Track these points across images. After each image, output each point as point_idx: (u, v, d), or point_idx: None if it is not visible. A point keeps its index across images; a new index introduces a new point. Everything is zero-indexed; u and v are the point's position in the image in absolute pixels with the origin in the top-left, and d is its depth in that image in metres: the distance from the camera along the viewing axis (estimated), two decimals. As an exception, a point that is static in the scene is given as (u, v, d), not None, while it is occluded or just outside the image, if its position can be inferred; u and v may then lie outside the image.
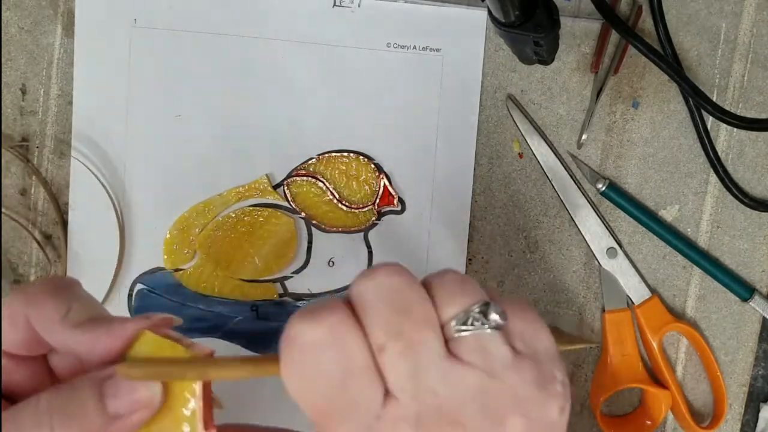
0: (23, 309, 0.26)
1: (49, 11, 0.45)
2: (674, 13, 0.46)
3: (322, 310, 0.23)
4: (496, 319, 0.24)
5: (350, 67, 0.46)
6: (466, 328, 0.24)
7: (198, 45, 0.45)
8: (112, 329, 0.25)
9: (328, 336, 0.23)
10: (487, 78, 0.46)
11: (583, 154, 0.47)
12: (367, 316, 0.23)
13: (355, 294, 0.24)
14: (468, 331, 0.23)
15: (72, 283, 0.27)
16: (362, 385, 0.23)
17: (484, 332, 0.24)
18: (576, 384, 0.48)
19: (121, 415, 0.24)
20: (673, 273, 0.48)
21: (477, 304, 0.24)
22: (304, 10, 0.45)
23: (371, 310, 0.23)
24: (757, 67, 0.47)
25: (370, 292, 0.24)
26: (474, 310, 0.24)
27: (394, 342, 0.23)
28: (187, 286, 0.46)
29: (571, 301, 0.48)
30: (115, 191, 0.46)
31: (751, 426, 0.49)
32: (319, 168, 0.46)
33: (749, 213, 0.48)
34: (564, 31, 0.46)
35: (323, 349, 0.23)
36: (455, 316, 0.24)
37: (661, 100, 0.47)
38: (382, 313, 0.23)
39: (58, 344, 0.26)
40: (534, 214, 0.47)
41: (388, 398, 0.23)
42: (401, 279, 0.24)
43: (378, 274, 0.24)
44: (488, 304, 0.24)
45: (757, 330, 0.48)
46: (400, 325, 0.23)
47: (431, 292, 0.24)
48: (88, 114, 0.45)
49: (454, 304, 0.24)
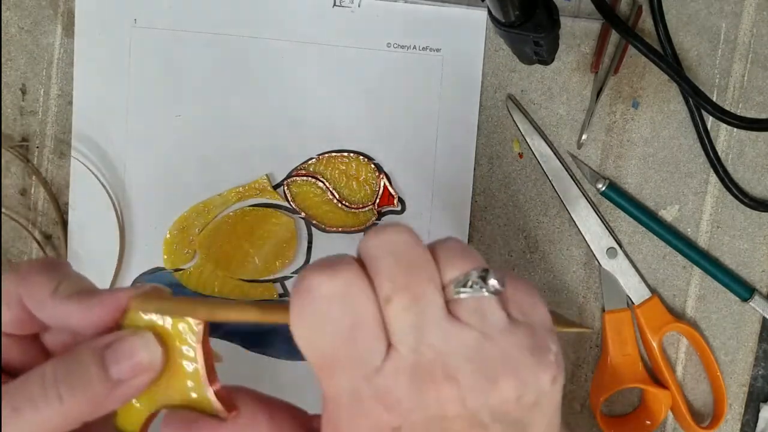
0: (14, 288, 0.26)
1: (49, 11, 0.45)
2: (674, 13, 0.46)
3: (339, 264, 0.24)
4: (494, 285, 0.25)
5: (350, 67, 0.46)
6: (465, 290, 0.25)
7: (198, 45, 0.45)
8: (103, 299, 0.26)
9: (343, 289, 0.23)
10: (487, 78, 0.46)
11: (583, 154, 0.47)
12: (376, 269, 0.24)
13: (364, 249, 0.25)
14: (467, 293, 0.24)
15: (61, 263, 0.28)
16: (368, 337, 0.24)
17: (482, 295, 0.25)
18: (576, 384, 0.48)
19: (124, 379, 0.25)
20: (673, 273, 0.48)
21: (477, 270, 0.25)
22: (304, 10, 0.45)
23: (380, 264, 0.24)
24: (757, 67, 0.47)
25: (380, 247, 0.25)
26: (474, 275, 0.25)
27: (400, 294, 0.24)
28: (187, 286, 0.46)
29: (571, 301, 0.48)
30: (115, 191, 0.46)
31: (751, 426, 0.49)
32: (319, 168, 0.46)
33: (749, 213, 0.48)
34: (564, 31, 0.46)
35: (336, 301, 0.23)
36: (456, 279, 0.25)
37: (661, 100, 0.47)
38: (390, 266, 0.24)
39: (51, 319, 0.26)
40: (534, 214, 0.47)
41: (389, 350, 0.24)
42: (409, 237, 0.25)
43: (387, 230, 0.25)
44: (488, 270, 0.25)
45: (757, 330, 0.48)
46: (406, 278, 0.24)
47: (435, 255, 0.25)
48: (88, 114, 0.45)
49: (455, 267, 0.25)
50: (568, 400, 0.48)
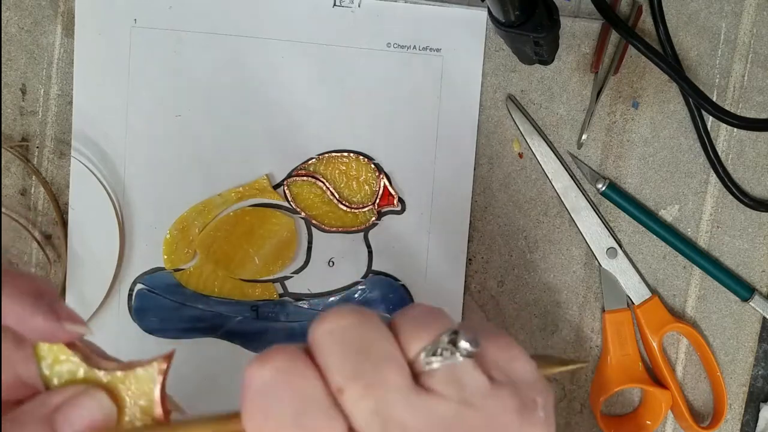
0: None
1: (49, 11, 0.45)
2: (674, 13, 0.46)
3: (273, 351, 0.23)
4: (467, 347, 0.23)
5: (350, 67, 0.46)
6: (435, 359, 0.23)
7: (198, 45, 0.45)
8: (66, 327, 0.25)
9: (277, 376, 0.22)
10: (487, 78, 0.46)
11: (583, 154, 0.47)
12: (323, 361, 0.23)
13: (310, 338, 0.23)
14: (438, 362, 0.23)
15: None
16: (319, 424, 0.22)
17: (455, 361, 0.23)
18: (576, 384, 0.48)
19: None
20: (673, 273, 0.48)
21: (446, 334, 0.23)
22: (304, 10, 0.45)
23: (326, 355, 0.23)
24: (757, 67, 0.47)
25: (324, 337, 0.23)
26: (443, 340, 0.23)
27: (352, 383, 0.22)
28: (187, 286, 0.46)
29: (571, 301, 0.48)
30: (115, 191, 0.46)
31: (751, 426, 0.49)
32: (319, 168, 0.46)
33: (749, 213, 0.48)
34: (564, 31, 0.46)
35: (274, 387, 0.22)
36: (423, 349, 0.23)
37: (661, 100, 0.47)
38: (336, 355, 0.22)
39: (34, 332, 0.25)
40: (534, 214, 0.47)
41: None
42: (355, 319, 0.23)
43: (330, 316, 0.23)
44: (457, 333, 0.23)
45: (757, 330, 0.48)
46: (357, 365, 0.22)
47: (396, 330, 0.24)
48: (88, 114, 0.45)
49: (420, 337, 0.23)
50: (568, 400, 0.48)
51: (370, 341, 0.23)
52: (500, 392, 0.23)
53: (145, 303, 0.46)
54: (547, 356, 0.28)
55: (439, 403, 0.22)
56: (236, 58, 0.45)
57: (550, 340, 0.48)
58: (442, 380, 0.23)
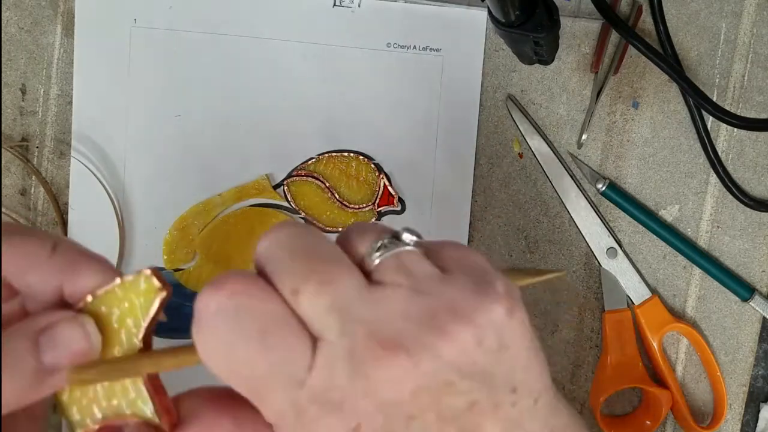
0: None
1: (49, 11, 0.45)
2: (674, 13, 0.46)
3: (225, 276, 0.22)
4: (411, 238, 0.23)
5: (350, 67, 0.46)
6: (380, 253, 0.23)
7: (198, 45, 0.45)
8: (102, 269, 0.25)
9: (233, 299, 0.21)
10: (487, 78, 0.46)
11: (583, 154, 0.47)
12: (273, 268, 0.22)
13: (256, 256, 0.23)
14: (384, 255, 0.23)
15: None
16: (284, 338, 0.21)
17: (401, 251, 0.23)
18: (576, 384, 0.48)
19: (59, 367, 0.23)
20: (673, 273, 0.48)
21: (387, 233, 0.23)
22: (304, 10, 0.45)
23: (275, 262, 0.22)
24: (757, 67, 0.47)
25: (271, 247, 0.23)
26: (385, 237, 0.23)
27: (306, 282, 0.21)
28: (187, 286, 0.46)
29: (571, 301, 0.48)
30: (115, 191, 0.46)
31: (751, 426, 0.49)
32: (319, 168, 0.46)
33: (749, 213, 0.48)
34: (564, 31, 0.46)
35: (233, 312, 0.21)
36: (368, 249, 0.23)
37: (661, 100, 0.47)
38: (286, 260, 0.22)
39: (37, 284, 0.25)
40: (534, 214, 0.47)
41: (316, 345, 0.21)
42: (298, 228, 0.23)
43: (273, 229, 0.23)
44: (399, 230, 0.23)
45: (757, 330, 0.48)
46: (308, 265, 0.22)
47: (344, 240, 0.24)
48: (88, 114, 0.45)
49: (365, 239, 0.23)
50: (568, 400, 0.48)
51: (318, 244, 0.23)
52: (452, 277, 0.23)
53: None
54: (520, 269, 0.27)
55: (393, 292, 0.22)
56: (236, 58, 0.45)
57: (550, 340, 0.48)
58: (390, 270, 0.22)
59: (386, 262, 0.23)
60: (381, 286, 0.22)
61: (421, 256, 0.23)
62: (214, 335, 0.22)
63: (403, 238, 0.23)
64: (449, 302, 0.22)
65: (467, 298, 0.22)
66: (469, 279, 0.23)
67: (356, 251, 0.23)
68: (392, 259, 0.23)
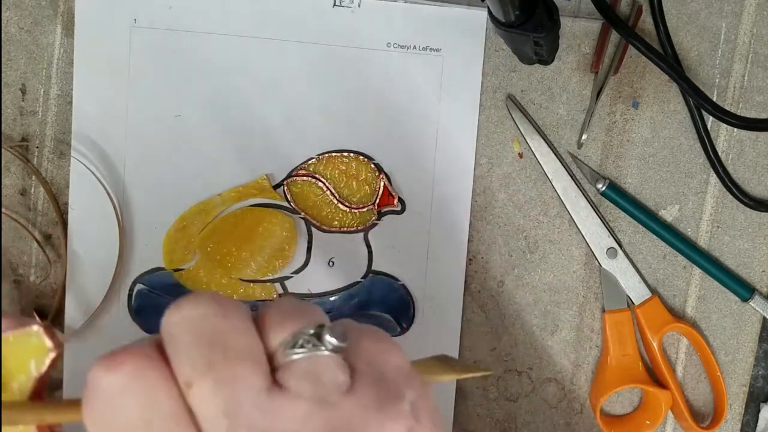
0: None
1: (49, 11, 0.45)
2: (674, 13, 0.46)
3: (122, 353, 0.21)
4: (332, 342, 0.22)
5: (350, 67, 0.46)
6: (296, 351, 0.22)
7: (198, 45, 0.45)
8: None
9: (126, 382, 0.21)
10: (487, 78, 0.46)
11: (583, 154, 0.47)
12: (173, 351, 0.21)
13: (162, 328, 0.22)
14: (299, 354, 0.21)
15: None
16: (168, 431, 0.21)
17: (316, 355, 0.22)
18: (576, 384, 0.48)
19: None
20: (673, 273, 0.48)
21: (311, 326, 0.22)
22: (303, 10, 0.45)
23: (177, 345, 0.21)
24: (757, 67, 0.47)
25: (177, 326, 0.22)
26: (306, 332, 0.22)
27: (201, 378, 0.21)
28: (186, 286, 0.46)
29: (571, 301, 0.48)
30: (115, 191, 0.46)
31: (751, 426, 0.49)
32: (319, 168, 0.46)
33: (749, 213, 0.48)
34: (564, 31, 0.46)
35: (121, 396, 0.21)
36: (285, 341, 0.22)
37: (661, 100, 0.47)
38: (187, 345, 0.21)
39: None
40: (534, 214, 0.47)
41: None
42: (212, 308, 0.22)
43: (184, 305, 0.22)
44: (323, 326, 0.22)
45: (757, 330, 0.48)
46: (209, 358, 0.21)
47: (261, 321, 0.23)
48: (88, 114, 0.45)
49: (284, 328, 0.22)
50: (568, 400, 0.48)
51: (226, 333, 0.22)
52: (359, 388, 0.22)
53: (145, 303, 0.46)
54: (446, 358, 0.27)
55: (293, 403, 0.21)
56: (236, 57, 0.45)
57: (550, 340, 0.48)
58: (298, 375, 0.21)
59: (297, 365, 0.22)
60: (282, 393, 0.21)
61: (335, 363, 0.22)
62: (98, 411, 0.21)
63: (326, 340, 0.22)
64: (349, 420, 0.21)
65: (368, 416, 0.21)
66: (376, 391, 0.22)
67: (272, 338, 0.22)
68: (304, 363, 0.22)
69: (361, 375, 0.22)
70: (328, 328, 0.22)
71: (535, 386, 0.48)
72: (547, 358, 0.48)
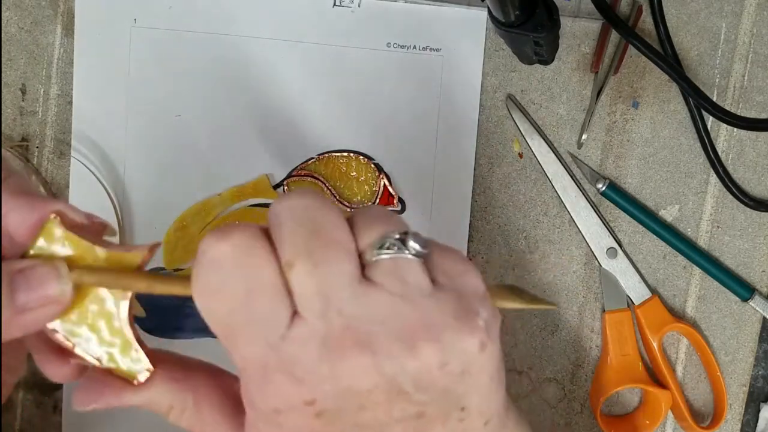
0: None
1: (49, 11, 0.45)
2: (674, 13, 0.46)
3: (233, 227, 0.23)
4: (415, 247, 0.23)
5: (350, 67, 0.46)
6: (382, 252, 0.23)
7: (198, 45, 0.45)
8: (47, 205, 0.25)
9: (233, 252, 0.22)
10: (487, 78, 0.46)
11: (583, 154, 0.47)
12: (278, 234, 0.23)
13: (269, 215, 0.24)
14: (385, 255, 0.23)
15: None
16: (267, 302, 0.22)
17: (401, 257, 0.23)
18: (576, 384, 0.48)
19: (30, 308, 0.24)
20: (673, 273, 0.48)
21: (397, 231, 0.24)
22: (304, 10, 0.45)
23: (282, 229, 0.23)
24: (757, 67, 0.47)
25: (283, 212, 0.23)
26: (393, 236, 0.23)
27: (302, 260, 0.22)
28: (187, 286, 0.46)
29: (571, 301, 0.48)
30: (115, 191, 0.46)
31: (751, 426, 0.49)
32: (319, 168, 0.46)
33: (749, 213, 0.48)
34: (564, 31, 0.46)
35: (227, 265, 0.22)
36: (373, 242, 0.23)
37: (661, 100, 0.47)
38: (292, 231, 0.23)
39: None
40: (534, 214, 0.47)
41: (295, 318, 0.23)
42: (315, 201, 0.24)
43: (291, 195, 0.24)
44: (408, 233, 0.24)
45: (757, 330, 0.48)
46: (309, 243, 0.22)
47: (353, 222, 0.24)
48: (88, 114, 0.45)
49: (373, 230, 0.24)
50: (568, 400, 0.48)
51: (326, 224, 0.23)
52: (441, 294, 0.23)
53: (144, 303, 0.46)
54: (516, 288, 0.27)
55: (379, 294, 0.23)
56: (236, 58, 0.45)
57: (550, 340, 0.48)
58: (385, 272, 0.23)
59: (385, 263, 0.23)
60: (371, 285, 0.23)
61: (418, 266, 0.24)
62: (205, 278, 0.23)
63: (410, 245, 0.23)
64: (428, 320, 0.23)
65: (446, 321, 0.23)
66: (455, 301, 0.23)
67: (362, 238, 0.24)
68: (391, 263, 0.23)
69: (441, 286, 0.24)
70: (413, 235, 0.24)
71: (535, 386, 0.48)
72: (547, 358, 0.48)
